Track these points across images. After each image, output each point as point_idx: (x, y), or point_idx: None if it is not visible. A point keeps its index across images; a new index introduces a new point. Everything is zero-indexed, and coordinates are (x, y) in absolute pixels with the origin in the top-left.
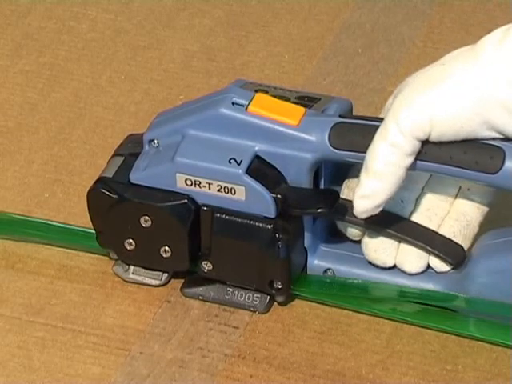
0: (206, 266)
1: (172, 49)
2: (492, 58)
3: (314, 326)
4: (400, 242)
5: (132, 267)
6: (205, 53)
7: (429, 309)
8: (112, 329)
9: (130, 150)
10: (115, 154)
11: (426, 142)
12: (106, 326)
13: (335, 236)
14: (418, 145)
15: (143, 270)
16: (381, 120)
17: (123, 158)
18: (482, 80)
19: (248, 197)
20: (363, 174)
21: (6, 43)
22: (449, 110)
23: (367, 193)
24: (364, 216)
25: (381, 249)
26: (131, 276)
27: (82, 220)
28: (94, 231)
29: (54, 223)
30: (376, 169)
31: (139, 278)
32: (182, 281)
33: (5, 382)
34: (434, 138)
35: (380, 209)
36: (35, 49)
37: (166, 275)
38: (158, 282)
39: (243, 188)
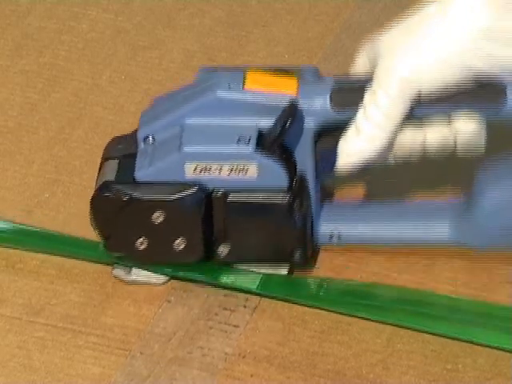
0: (223, 250)
1: (172, 49)
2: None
3: (314, 325)
4: None
5: (134, 268)
6: (205, 53)
7: (426, 313)
8: (112, 329)
9: (122, 151)
10: (106, 159)
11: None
12: (106, 326)
13: (337, 201)
14: (409, 106)
15: (146, 271)
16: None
17: (117, 160)
18: (456, 27)
19: (260, 173)
20: (353, 134)
21: (6, 43)
22: (430, 60)
23: (354, 152)
24: (344, 172)
25: None
26: (133, 277)
27: (81, 220)
28: (91, 240)
29: (53, 232)
30: (368, 132)
31: (142, 279)
32: (182, 281)
33: (5, 382)
34: (425, 94)
35: (360, 167)
36: (35, 49)
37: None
38: (161, 281)
39: (255, 165)
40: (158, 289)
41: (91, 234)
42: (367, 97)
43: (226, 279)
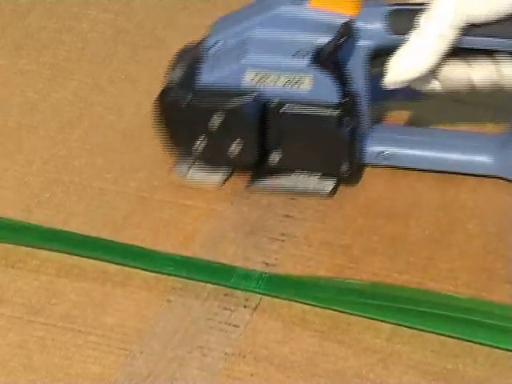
0: (275, 157)
1: (172, 49)
2: None
3: (314, 324)
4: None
5: (192, 168)
6: None
7: (426, 312)
8: (112, 328)
9: (190, 58)
10: (175, 65)
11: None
12: (106, 326)
13: (388, 124)
14: (459, 33)
15: (203, 171)
16: None
17: (184, 66)
18: None
19: (314, 86)
20: (403, 52)
21: (6, 43)
22: None
23: (402, 69)
24: (390, 88)
25: None
26: (190, 177)
27: (82, 220)
28: (92, 238)
29: (52, 228)
30: (418, 52)
31: (198, 179)
32: (184, 281)
33: (5, 381)
34: (475, 22)
35: (406, 85)
36: (35, 49)
37: (224, 175)
38: (216, 182)
39: (309, 78)
40: (158, 289)
41: (91, 233)
42: (422, 20)
43: (228, 279)
